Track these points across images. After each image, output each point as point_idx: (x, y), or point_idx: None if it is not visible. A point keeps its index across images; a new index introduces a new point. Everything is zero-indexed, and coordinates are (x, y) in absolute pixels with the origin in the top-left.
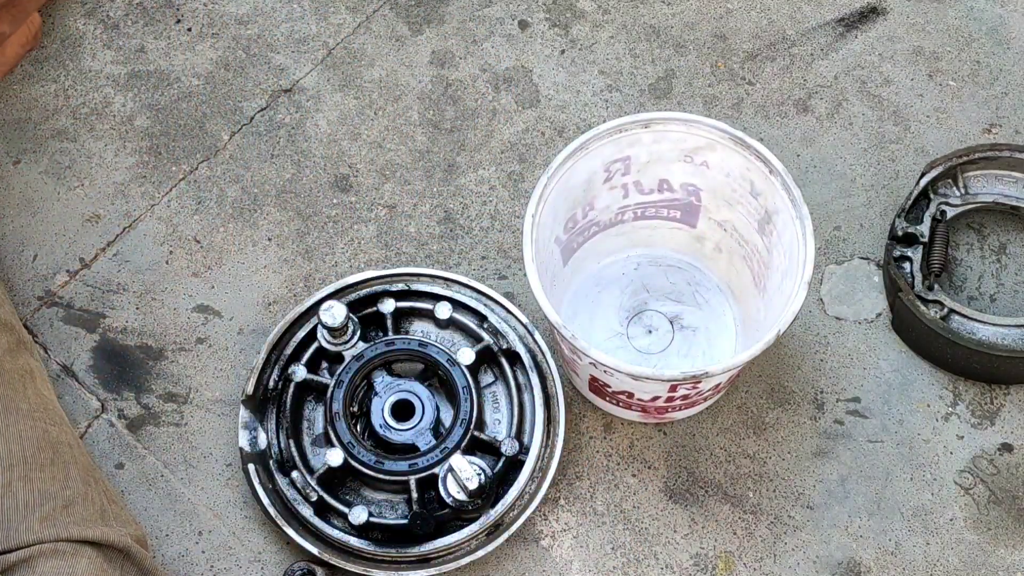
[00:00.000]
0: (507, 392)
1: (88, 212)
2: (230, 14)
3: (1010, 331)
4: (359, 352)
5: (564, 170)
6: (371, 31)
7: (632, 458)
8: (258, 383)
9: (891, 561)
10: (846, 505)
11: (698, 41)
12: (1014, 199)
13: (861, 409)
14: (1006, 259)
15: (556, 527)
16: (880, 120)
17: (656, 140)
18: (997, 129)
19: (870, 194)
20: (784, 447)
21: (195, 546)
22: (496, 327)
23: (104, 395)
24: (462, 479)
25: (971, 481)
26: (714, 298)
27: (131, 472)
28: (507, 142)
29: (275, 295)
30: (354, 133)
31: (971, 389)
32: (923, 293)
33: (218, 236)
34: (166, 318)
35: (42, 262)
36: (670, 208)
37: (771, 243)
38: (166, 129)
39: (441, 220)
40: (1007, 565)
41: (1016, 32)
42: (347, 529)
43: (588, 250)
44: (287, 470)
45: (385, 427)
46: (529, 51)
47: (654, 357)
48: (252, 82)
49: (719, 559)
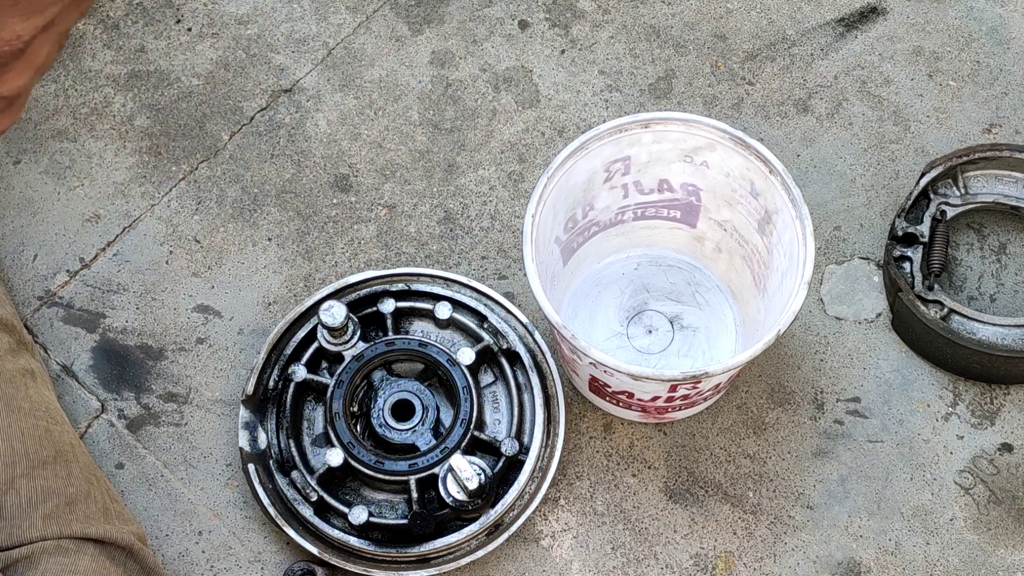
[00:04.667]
0: (507, 392)
1: (88, 212)
2: (230, 14)
3: (1010, 331)
4: (359, 352)
5: (564, 170)
6: (371, 31)
7: (632, 458)
8: (258, 383)
9: (891, 561)
10: (846, 505)
11: (698, 41)
12: (1014, 199)
13: (861, 409)
14: (1006, 259)
15: (556, 527)
16: (880, 120)
17: (656, 140)
18: (997, 129)
19: (870, 194)
20: (784, 447)
21: (195, 546)
22: (496, 327)
23: (104, 395)
24: (462, 479)
25: (971, 481)
26: (714, 298)
27: (131, 472)
28: (507, 142)
29: (275, 295)
30: (354, 133)
31: (971, 389)
32: (923, 293)
33: (218, 236)
34: (166, 318)
35: (42, 262)
36: (670, 208)
37: (771, 243)
38: (166, 129)
39: (441, 220)
40: (1007, 565)
41: (1016, 32)
42: (347, 529)
43: (588, 250)
44: (287, 470)
45: (385, 427)
46: (529, 51)
47: (654, 357)
48: (252, 82)
49: (719, 559)
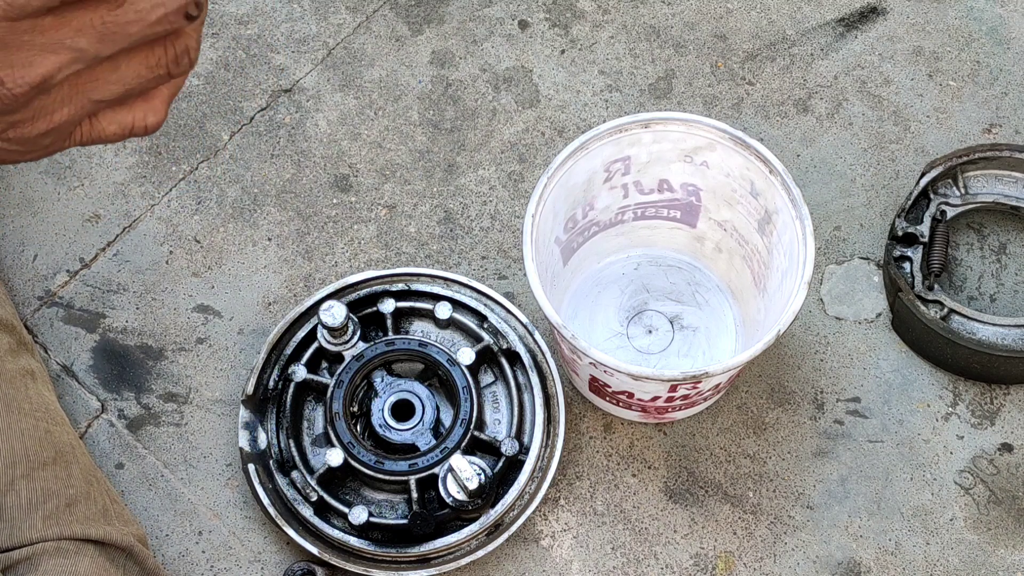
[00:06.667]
0: (507, 392)
1: (88, 212)
2: (230, 14)
3: (1010, 331)
4: (359, 352)
5: (564, 170)
6: (371, 31)
7: (632, 458)
8: (258, 383)
9: (891, 561)
10: (846, 505)
11: (698, 41)
12: (1014, 199)
13: (861, 409)
14: (1006, 259)
15: (556, 527)
16: (880, 120)
17: (656, 140)
18: (997, 129)
19: (870, 194)
20: (784, 447)
21: (195, 546)
22: (496, 327)
23: (104, 395)
24: (462, 479)
25: (971, 481)
26: (714, 298)
27: (131, 472)
28: (507, 142)
29: (275, 295)
30: (354, 133)
31: (971, 389)
32: (923, 293)
33: (218, 236)
34: (166, 318)
35: (42, 262)
36: (670, 208)
37: (771, 243)
38: (166, 129)
39: (441, 220)
40: (1007, 565)
41: (1016, 32)
42: (347, 529)
43: (588, 250)
44: (287, 470)
45: (385, 427)
46: (529, 51)
47: (654, 357)
48: (252, 82)
49: (719, 559)
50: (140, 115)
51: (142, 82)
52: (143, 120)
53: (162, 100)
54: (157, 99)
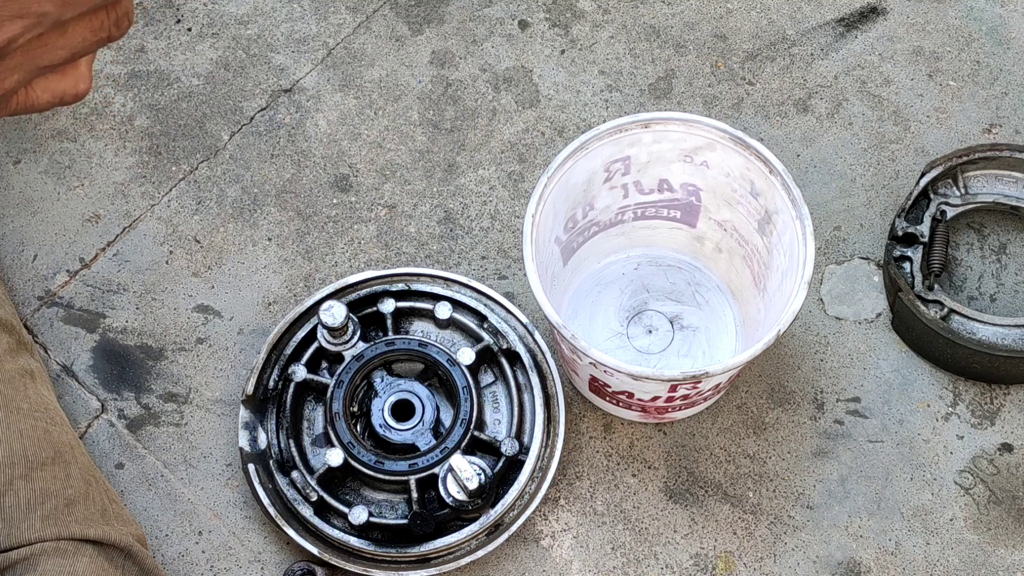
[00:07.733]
0: (507, 392)
1: (88, 212)
2: (230, 14)
3: (1010, 331)
4: (359, 352)
5: (564, 170)
6: (371, 31)
7: (632, 458)
8: (258, 383)
9: (891, 561)
10: (846, 505)
11: (698, 41)
12: (1014, 199)
13: (861, 409)
14: (1006, 259)
15: (556, 527)
16: (880, 120)
17: (656, 140)
18: (997, 129)
19: (870, 194)
20: (784, 447)
21: (195, 546)
22: (496, 327)
23: (104, 395)
24: (462, 479)
25: (971, 481)
26: (714, 298)
27: (131, 472)
28: (507, 142)
29: (275, 295)
30: (354, 133)
31: (971, 389)
32: (923, 293)
33: (218, 236)
34: (166, 318)
35: (42, 262)
36: (670, 208)
37: (771, 243)
38: (166, 129)
39: (441, 220)
40: (1007, 565)
41: (1016, 32)
42: (347, 529)
43: (588, 250)
44: (287, 470)
45: (385, 427)
46: (529, 51)
47: (654, 357)
48: (252, 82)
49: (719, 559)
50: (71, 82)
51: (86, 46)
52: (74, 88)
53: (88, 66)
54: (84, 66)
